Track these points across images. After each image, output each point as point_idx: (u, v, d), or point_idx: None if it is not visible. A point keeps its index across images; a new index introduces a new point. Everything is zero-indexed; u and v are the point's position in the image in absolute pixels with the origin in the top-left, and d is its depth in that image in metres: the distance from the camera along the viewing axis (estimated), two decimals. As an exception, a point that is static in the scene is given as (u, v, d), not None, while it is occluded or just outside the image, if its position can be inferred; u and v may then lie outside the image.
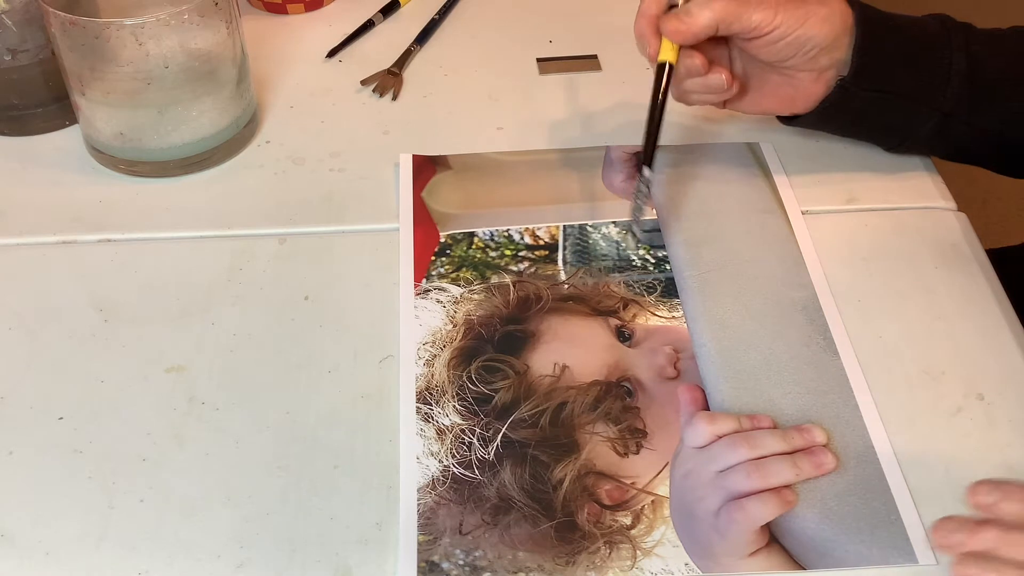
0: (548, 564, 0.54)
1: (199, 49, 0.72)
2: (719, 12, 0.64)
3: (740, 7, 0.64)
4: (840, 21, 0.66)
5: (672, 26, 0.65)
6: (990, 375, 0.62)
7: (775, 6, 0.64)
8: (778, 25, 0.64)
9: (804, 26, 0.65)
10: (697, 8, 0.64)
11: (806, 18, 0.65)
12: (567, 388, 0.61)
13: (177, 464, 0.58)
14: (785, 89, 0.69)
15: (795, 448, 0.57)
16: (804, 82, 0.68)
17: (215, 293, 0.68)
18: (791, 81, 0.69)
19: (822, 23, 0.65)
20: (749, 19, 0.64)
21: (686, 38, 0.65)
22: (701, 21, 0.64)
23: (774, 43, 0.65)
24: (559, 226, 0.72)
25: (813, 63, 0.67)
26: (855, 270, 0.69)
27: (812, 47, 0.66)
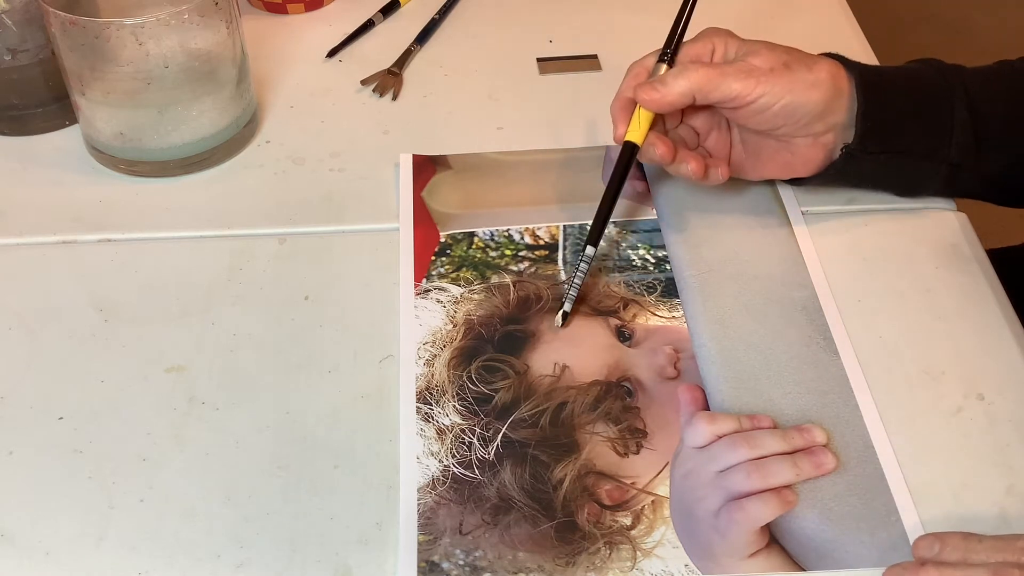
0: (548, 564, 0.54)
1: (199, 49, 0.72)
2: (695, 81, 0.63)
3: (719, 76, 0.63)
4: (831, 85, 0.64)
5: (646, 94, 0.64)
6: (990, 375, 0.62)
7: (757, 75, 0.63)
8: (761, 94, 0.62)
9: (791, 94, 0.63)
10: (672, 77, 0.63)
11: (792, 85, 0.63)
12: (567, 388, 0.61)
13: (177, 464, 0.58)
14: (783, 155, 0.67)
15: (795, 448, 0.57)
16: (801, 148, 0.67)
17: (215, 293, 0.68)
18: (788, 147, 0.67)
19: (810, 89, 0.63)
20: (728, 88, 0.62)
21: (660, 107, 0.64)
22: (676, 90, 0.63)
23: (760, 112, 0.63)
24: (559, 226, 0.72)
25: (807, 129, 0.65)
26: (855, 270, 0.69)
27: (803, 115, 0.64)
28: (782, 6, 0.94)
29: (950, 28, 2.19)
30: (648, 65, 0.68)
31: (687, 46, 0.67)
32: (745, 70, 0.63)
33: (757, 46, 0.65)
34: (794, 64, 0.64)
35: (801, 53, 0.65)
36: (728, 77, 0.63)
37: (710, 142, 0.70)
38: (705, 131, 0.70)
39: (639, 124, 0.65)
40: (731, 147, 0.70)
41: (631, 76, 0.68)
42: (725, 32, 0.67)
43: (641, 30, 0.91)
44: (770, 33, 0.90)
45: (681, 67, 0.64)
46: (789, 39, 0.90)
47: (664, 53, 0.67)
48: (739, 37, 0.66)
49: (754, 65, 0.63)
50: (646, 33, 0.90)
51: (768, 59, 0.64)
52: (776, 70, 0.63)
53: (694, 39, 0.67)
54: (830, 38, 0.90)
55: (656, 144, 0.65)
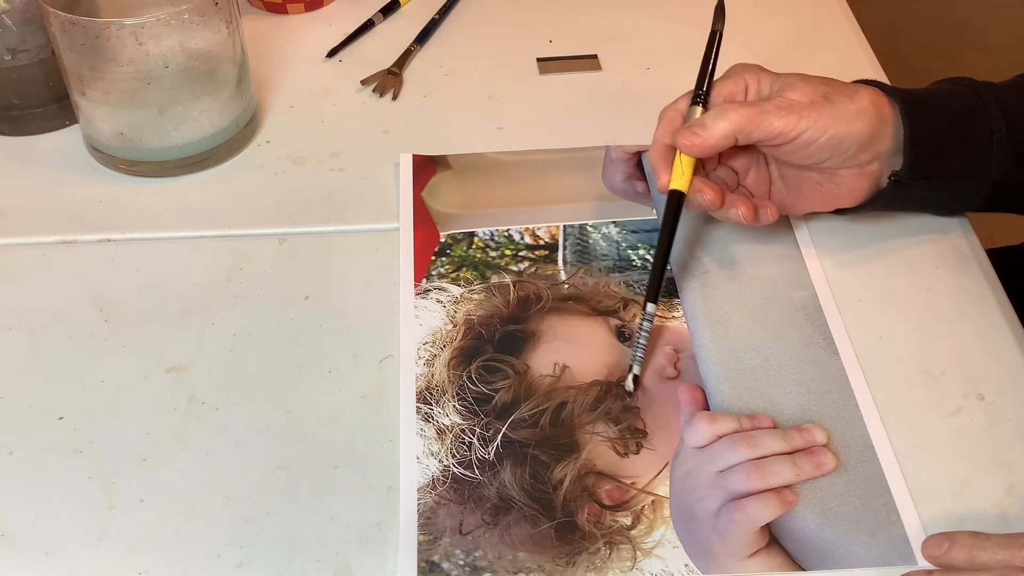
0: (548, 564, 0.54)
1: (199, 49, 0.72)
2: (736, 122, 0.60)
3: (759, 114, 0.60)
4: (874, 113, 0.62)
5: (686, 140, 0.61)
6: (990, 375, 0.62)
7: (799, 109, 0.60)
8: (805, 129, 0.60)
9: (835, 126, 0.61)
10: (712, 120, 0.61)
11: (836, 117, 0.61)
12: (567, 388, 0.61)
13: (177, 464, 0.58)
14: (827, 187, 0.65)
15: (795, 448, 0.57)
16: (846, 178, 0.64)
17: (215, 293, 0.68)
18: (832, 179, 0.64)
19: (855, 120, 0.61)
20: (771, 126, 0.60)
21: (702, 151, 0.61)
22: (717, 132, 0.60)
23: (805, 147, 0.61)
24: (559, 226, 0.72)
25: (853, 160, 0.63)
26: (855, 270, 0.69)
27: (849, 146, 0.62)
28: (782, 7, 0.94)
29: (950, 28, 2.19)
30: (681, 108, 0.65)
31: (718, 85, 0.65)
32: (785, 106, 0.61)
33: (793, 79, 0.63)
34: (834, 95, 0.62)
35: (838, 83, 0.64)
36: (769, 114, 0.60)
37: (749, 180, 0.67)
38: (744, 170, 0.67)
39: (682, 171, 0.63)
40: (770, 183, 0.67)
41: (665, 122, 0.65)
42: (755, 67, 0.65)
43: (641, 30, 0.91)
44: (769, 33, 0.90)
45: (720, 108, 0.61)
46: (789, 40, 0.90)
47: (697, 94, 0.65)
48: (770, 71, 0.64)
49: (793, 99, 0.61)
50: (646, 33, 0.91)
51: (807, 92, 0.61)
52: (816, 103, 0.61)
53: (724, 77, 0.65)
54: (830, 38, 0.90)
55: (704, 190, 0.62)
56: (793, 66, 0.85)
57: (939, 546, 0.53)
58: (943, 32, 2.18)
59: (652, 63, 0.88)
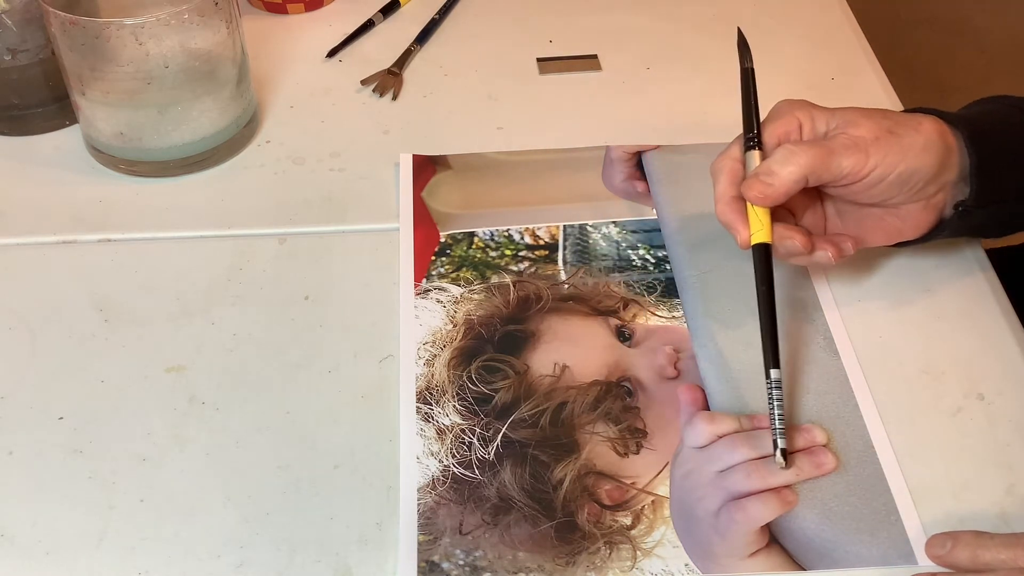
0: (548, 564, 0.54)
1: (199, 49, 0.72)
2: (805, 166, 0.57)
3: (827, 155, 0.58)
4: (940, 144, 0.59)
5: (757, 191, 0.58)
6: (990, 375, 0.62)
7: (865, 147, 0.58)
8: (874, 167, 0.58)
9: (904, 161, 0.58)
10: (779, 165, 0.58)
11: (904, 152, 0.58)
12: (567, 388, 0.61)
13: (177, 464, 0.58)
14: (890, 221, 0.62)
15: (795, 448, 0.57)
16: (912, 212, 0.61)
17: (215, 293, 0.68)
18: (896, 213, 0.62)
19: (923, 153, 0.59)
20: (839, 167, 0.58)
21: (775, 200, 0.58)
22: (788, 178, 0.57)
23: (874, 185, 0.59)
24: (559, 226, 0.72)
25: (920, 194, 0.60)
26: (855, 269, 0.69)
27: (918, 180, 0.59)
28: (782, 7, 0.94)
29: (950, 28, 2.19)
30: (736, 156, 0.61)
31: (768, 125, 0.61)
32: (850, 144, 0.58)
33: (852, 115, 0.60)
34: (899, 128, 0.59)
35: (898, 115, 0.61)
36: (836, 154, 0.58)
37: (806, 221, 0.64)
38: (800, 211, 0.64)
39: (760, 222, 0.59)
40: (826, 220, 0.65)
41: (726, 173, 0.61)
42: (804, 104, 0.62)
43: (641, 30, 0.91)
44: (769, 33, 0.90)
45: (786, 151, 0.58)
46: (789, 40, 0.90)
47: (749, 139, 0.61)
48: (821, 106, 0.61)
49: (859, 136, 0.58)
50: (646, 33, 0.91)
51: (870, 128, 0.59)
52: (881, 138, 0.58)
53: (772, 117, 0.62)
54: (830, 38, 0.90)
55: (793, 237, 0.59)
56: (794, 67, 0.85)
57: (942, 546, 0.53)
58: (943, 32, 2.18)
59: (652, 63, 0.88)
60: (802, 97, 0.62)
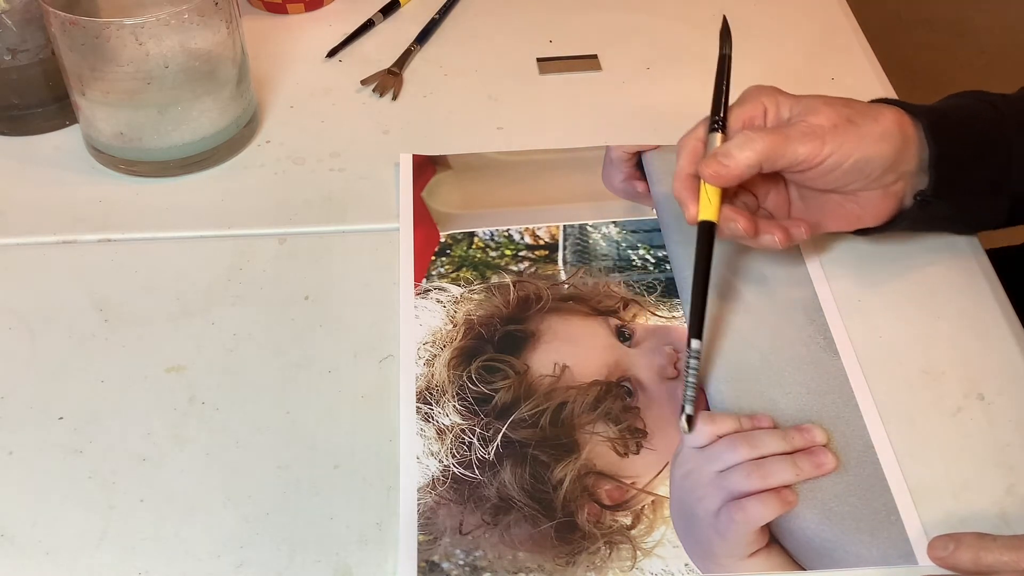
0: (548, 564, 0.54)
1: (199, 49, 0.72)
2: (760, 151, 0.59)
3: (784, 142, 0.59)
4: (898, 134, 0.61)
5: (711, 170, 0.60)
6: (990, 375, 0.62)
7: (822, 135, 0.59)
8: (830, 154, 0.59)
9: (860, 149, 0.60)
10: (737, 149, 0.59)
11: (860, 140, 0.60)
12: (567, 388, 0.61)
13: (177, 464, 0.58)
14: (850, 207, 0.64)
15: (795, 448, 0.57)
16: (871, 200, 0.63)
17: (215, 293, 0.68)
18: (856, 200, 0.63)
19: (880, 142, 0.60)
20: (795, 153, 0.59)
21: (728, 181, 0.60)
22: (743, 162, 0.59)
23: (829, 172, 0.60)
24: (559, 226, 0.72)
25: (878, 182, 0.62)
26: (855, 270, 0.69)
27: (874, 168, 0.61)
28: (782, 7, 0.94)
29: (950, 28, 2.19)
30: (701, 136, 0.63)
31: (735, 110, 0.63)
32: (808, 131, 0.60)
33: (814, 102, 0.61)
34: (857, 118, 0.61)
35: (860, 104, 0.62)
36: (792, 141, 0.59)
37: (769, 203, 0.66)
38: (763, 193, 0.66)
39: (709, 200, 0.61)
40: (790, 204, 0.66)
41: (687, 152, 0.63)
42: (772, 90, 0.63)
43: (641, 30, 0.91)
44: (770, 34, 0.90)
45: (743, 136, 0.60)
46: (789, 40, 0.90)
47: (714, 121, 0.63)
48: (789, 93, 0.63)
49: (817, 124, 0.60)
50: (646, 33, 0.91)
51: (829, 116, 0.60)
52: (840, 126, 0.60)
53: (740, 101, 0.64)
54: (830, 38, 0.90)
55: (736, 219, 0.61)
56: (794, 66, 0.85)
57: (944, 548, 0.53)
58: (943, 32, 2.18)
59: (652, 63, 0.88)
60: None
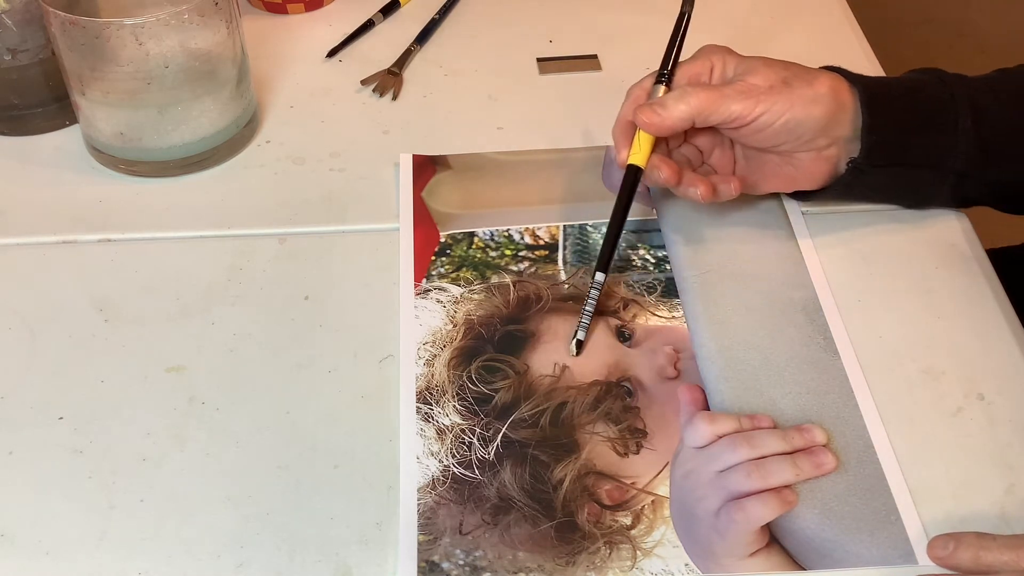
0: (548, 564, 0.54)
1: (199, 49, 0.72)
2: (695, 105, 0.62)
3: (718, 98, 0.62)
4: (831, 99, 0.63)
5: (646, 117, 0.63)
6: (990, 375, 0.62)
7: (756, 94, 0.62)
8: (761, 113, 0.62)
9: (791, 111, 0.62)
10: (673, 101, 0.63)
11: (791, 102, 0.62)
12: (567, 388, 0.61)
13: (177, 464, 0.58)
14: (786, 169, 0.66)
15: (795, 448, 0.57)
16: (804, 162, 0.66)
17: (215, 293, 0.68)
18: (791, 161, 0.66)
19: (811, 105, 0.62)
20: (728, 110, 0.62)
21: (660, 130, 0.63)
22: (676, 114, 0.62)
23: (761, 131, 0.63)
24: (559, 226, 0.72)
25: (810, 144, 0.64)
26: (855, 270, 0.69)
27: (804, 130, 0.63)
28: (782, 7, 0.94)
29: (950, 29, 2.19)
30: (646, 87, 0.67)
31: (685, 65, 0.66)
32: (744, 90, 0.62)
33: (755, 63, 0.64)
34: (793, 80, 0.63)
35: (800, 68, 0.65)
36: (727, 98, 0.62)
37: (714, 159, 0.69)
38: (708, 149, 0.69)
39: (640, 147, 0.65)
40: (735, 163, 0.69)
41: (631, 99, 0.67)
42: (723, 49, 0.66)
43: (641, 30, 0.91)
44: (770, 34, 0.90)
45: (681, 90, 0.63)
46: (789, 40, 0.90)
47: (661, 74, 0.66)
48: (738, 54, 0.66)
49: (753, 84, 0.63)
50: (646, 33, 0.91)
51: (767, 76, 0.63)
52: (775, 87, 0.62)
53: (692, 58, 0.67)
54: (830, 38, 0.90)
55: (660, 168, 0.64)
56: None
57: (944, 547, 0.53)
58: (943, 32, 2.18)
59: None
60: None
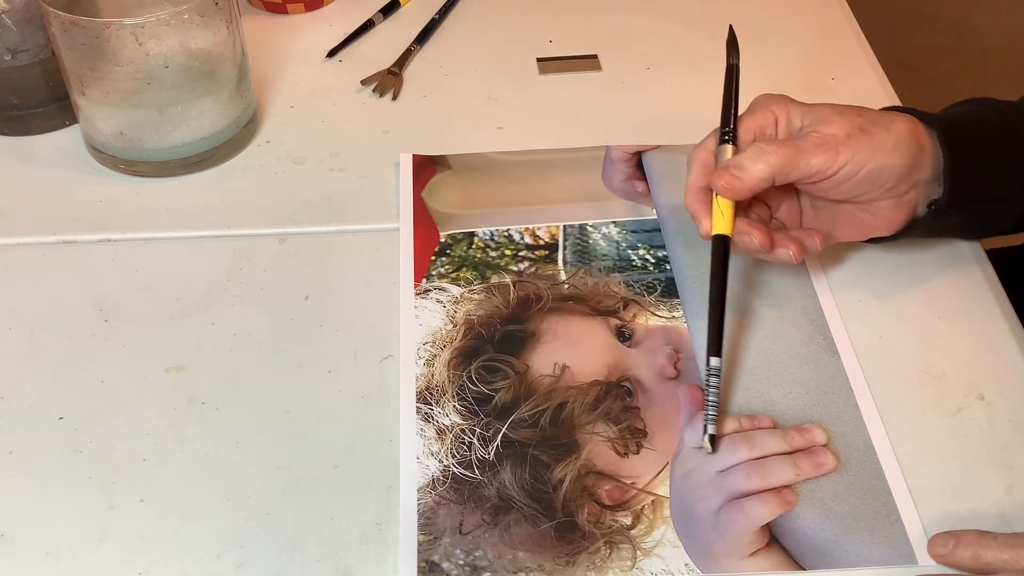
0: (548, 564, 0.54)
1: (199, 49, 0.72)
2: (774, 164, 0.58)
3: (796, 153, 0.58)
4: (912, 143, 0.60)
5: (724, 182, 0.59)
6: (990, 375, 0.62)
7: (835, 145, 0.58)
8: (843, 165, 0.59)
9: (874, 159, 0.59)
10: (750, 161, 0.59)
11: (874, 151, 0.59)
12: (567, 388, 0.61)
13: (177, 464, 0.58)
14: (862, 217, 0.63)
15: (795, 448, 0.57)
16: (883, 209, 0.62)
17: (215, 293, 0.68)
18: (869, 209, 0.62)
19: (893, 152, 0.59)
20: (808, 165, 0.58)
21: (741, 194, 0.59)
22: (756, 175, 0.58)
23: (843, 183, 0.60)
24: (559, 226, 0.72)
25: (892, 192, 0.61)
26: (855, 270, 0.69)
27: (888, 178, 0.60)
28: (782, 7, 0.94)
29: (950, 28, 2.19)
30: (711, 148, 0.62)
31: (745, 119, 0.62)
32: (821, 142, 0.59)
33: (825, 112, 0.61)
34: (870, 127, 0.60)
35: (872, 112, 0.62)
36: (806, 153, 0.59)
37: (781, 214, 0.65)
38: (775, 204, 0.65)
39: (722, 214, 0.60)
40: (801, 214, 0.66)
41: (698, 164, 0.62)
42: (782, 98, 0.63)
43: (641, 30, 0.91)
44: (770, 34, 0.90)
45: (756, 149, 0.59)
46: (789, 40, 0.90)
47: (725, 132, 0.62)
48: (798, 102, 0.62)
49: (829, 134, 0.59)
50: (646, 33, 0.91)
51: (842, 126, 0.59)
52: (853, 136, 0.59)
53: (750, 111, 0.63)
54: (830, 38, 0.90)
55: (752, 233, 0.60)
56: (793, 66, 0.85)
57: (944, 545, 0.53)
58: (943, 32, 2.18)
59: (652, 63, 0.88)
60: (802, 97, 0.63)
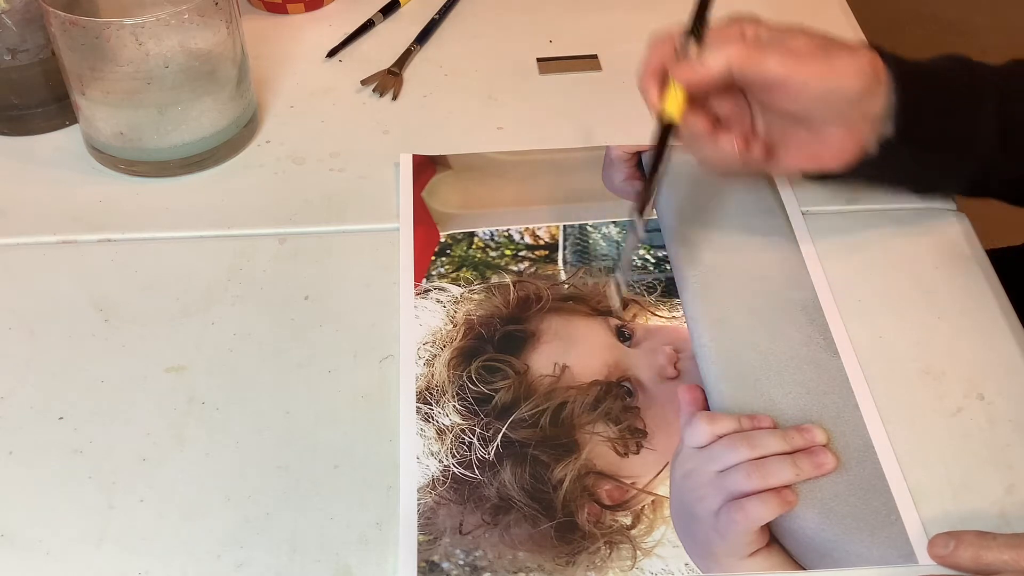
0: (548, 564, 0.54)
1: (199, 49, 0.72)
2: (734, 58, 0.60)
3: (758, 54, 0.60)
4: (870, 72, 0.61)
5: (684, 72, 0.61)
6: (990, 375, 0.62)
7: (797, 55, 0.60)
8: (800, 76, 0.60)
9: (830, 77, 0.60)
10: (711, 52, 0.60)
11: (832, 69, 0.60)
12: (567, 388, 0.61)
13: (177, 464, 0.58)
14: (813, 146, 0.63)
15: (795, 448, 0.57)
16: (834, 138, 0.63)
17: (215, 293, 0.68)
18: (819, 137, 0.63)
19: (851, 75, 0.60)
20: (767, 68, 0.60)
21: (698, 85, 0.61)
22: (715, 66, 0.60)
23: (797, 95, 0.60)
24: (559, 226, 0.72)
25: (842, 118, 0.62)
26: (855, 270, 0.69)
27: (840, 99, 0.61)
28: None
29: (950, 28, 2.19)
30: (672, 35, 0.63)
31: (714, 30, 0.63)
32: (784, 51, 0.60)
33: (793, 30, 0.62)
34: (833, 49, 0.61)
35: (839, 40, 0.62)
36: (766, 55, 0.60)
37: (735, 129, 0.65)
38: (728, 120, 0.65)
39: (675, 100, 0.61)
40: (753, 132, 0.66)
41: (658, 46, 0.63)
42: (753, 16, 0.63)
43: (641, 30, 0.91)
44: (770, 33, 0.90)
45: (719, 43, 0.61)
46: (789, 39, 0.90)
47: (694, 28, 0.63)
48: (769, 21, 0.63)
49: (793, 46, 0.60)
50: (646, 33, 0.91)
51: (806, 43, 0.61)
52: (815, 53, 0.60)
53: (721, 23, 0.63)
54: (830, 38, 0.90)
55: (699, 118, 0.62)
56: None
57: (945, 546, 0.53)
58: (943, 32, 2.18)
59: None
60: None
